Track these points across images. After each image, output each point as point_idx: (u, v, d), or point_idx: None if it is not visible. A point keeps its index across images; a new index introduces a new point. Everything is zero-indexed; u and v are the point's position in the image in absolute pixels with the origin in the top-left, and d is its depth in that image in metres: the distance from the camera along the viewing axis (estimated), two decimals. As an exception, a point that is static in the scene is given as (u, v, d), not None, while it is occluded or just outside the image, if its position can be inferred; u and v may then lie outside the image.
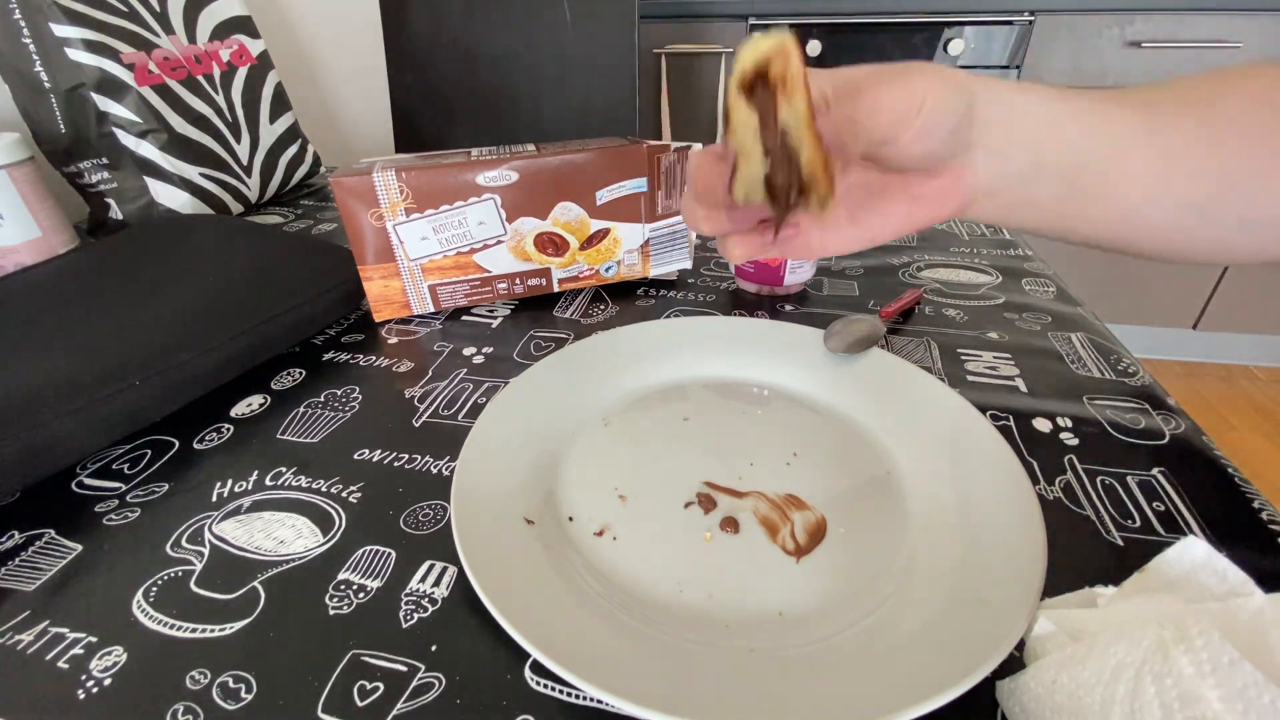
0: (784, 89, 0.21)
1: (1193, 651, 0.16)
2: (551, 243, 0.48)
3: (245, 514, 0.31)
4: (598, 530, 0.30)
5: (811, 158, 0.21)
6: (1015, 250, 0.58)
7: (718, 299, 0.51)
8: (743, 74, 0.21)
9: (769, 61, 0.20)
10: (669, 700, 0.21)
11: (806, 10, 1.49)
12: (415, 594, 0.27)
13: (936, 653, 0.23)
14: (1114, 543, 0.28)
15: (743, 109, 0.21)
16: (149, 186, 0.64)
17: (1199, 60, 1.43)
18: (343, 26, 1.04)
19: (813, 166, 0.21)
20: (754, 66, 0.21)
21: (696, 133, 1.66)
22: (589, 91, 1.03)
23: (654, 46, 1.56)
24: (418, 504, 0.32)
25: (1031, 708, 0.20)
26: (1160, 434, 0.35)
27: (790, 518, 0.30)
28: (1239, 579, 0.18)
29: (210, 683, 0.24)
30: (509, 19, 0.99)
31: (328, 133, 1.10)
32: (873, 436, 0.35)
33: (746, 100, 0.21)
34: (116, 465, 0.35)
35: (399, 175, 0.43)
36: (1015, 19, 1.45)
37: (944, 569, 0.27)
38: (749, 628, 0.25)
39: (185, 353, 0.37)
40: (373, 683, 0.23)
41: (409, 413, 0.39)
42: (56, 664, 0.24)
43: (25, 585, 0.28)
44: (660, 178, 0.48)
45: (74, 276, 0.46)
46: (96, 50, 0.58)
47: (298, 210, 0.75)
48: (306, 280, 0.46)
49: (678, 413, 0.38)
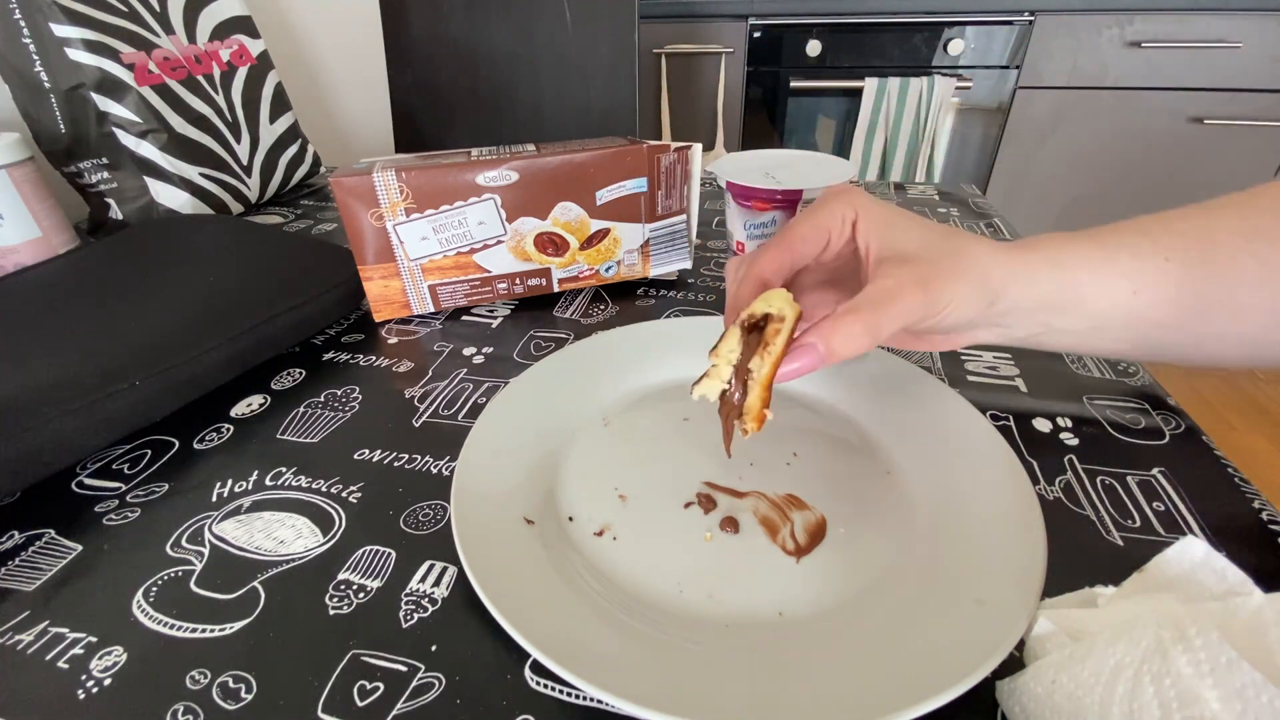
0: (765, 349, 0.26)
1: (1191, 651, 0.16)
2: (551, 243, 0.48)
3: (245, 514, 0.31)
4: (598, 530, 0.30)
5: (753, 403, 0.26)
6: (1015, 250, 0.58)
7: (718, 299, 0.51)
8: (751, 315, 0.26)
9: (769, 320, 0.26)
10: (669, 700, 0.21)
11: (806, 10, 1.49)
12: (415, 594, 0.27)
13: (937, 653, 0.23)
14: (1114, 543, 0.28)
15: (735, 339, 0.27)
16: (149, 186, 0.65)
17: (1199, 60, 1.43)
18: (343, 26, 1.04)
19: (752, 408, 0.26)
20: (762, 315, 0.26)
21: (696, 133, 1.66)
22: (589, 91, 1.03)
23: (654, 46, 1.56)
24: (418, 504, 0.32)
25: (1031, 708, 0.20)
26: (1160, 434, 0.35)
27: (790, 518, 0.30)
28: (1238, 578, 0.18)
29: (210, 683, 0.24)
30: (509, 19, 0.99)
31: (328, 133, 1.10)
32: (872, 436, 0.35)
33: (744, 334, 0.26)
34: (116, 465, 0.35)
35: (399, 175, 0.43)
36: (1015, 19, 1.45)
37: (944, 569, 0.27)
38: (749, 628, 0.25)
39: (185, 353, 0.37)
40: (373, 683, 0.23)
41: (409, 413, 0.39)
42: (56, 664, 0.24)
43: (25, 585, 0.28)
44: (660, 178, 0.48)
45: (74, 276, 0.46)
46: (96, 50, 0.58)
47: (298, 210, 0.76)
48: (306, 280, 0.46)
49: (678, 413, 0.38)
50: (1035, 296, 0.29)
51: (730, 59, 1.57)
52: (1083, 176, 1.60)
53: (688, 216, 0.51)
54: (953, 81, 1.46)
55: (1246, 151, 1.49)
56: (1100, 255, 0.29)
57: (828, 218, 0.30)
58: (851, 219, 0.30)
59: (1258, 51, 1.39)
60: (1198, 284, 0.28)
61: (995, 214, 0.66)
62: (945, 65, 1.51)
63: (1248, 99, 1.44)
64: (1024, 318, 0.30)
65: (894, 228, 0.29)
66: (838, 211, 0.30)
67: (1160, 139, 1.52)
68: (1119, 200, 1.61)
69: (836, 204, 0.30)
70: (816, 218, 0.30)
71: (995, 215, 0.66)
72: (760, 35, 1.54)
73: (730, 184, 0.47)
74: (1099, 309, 0.29)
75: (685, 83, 1.62)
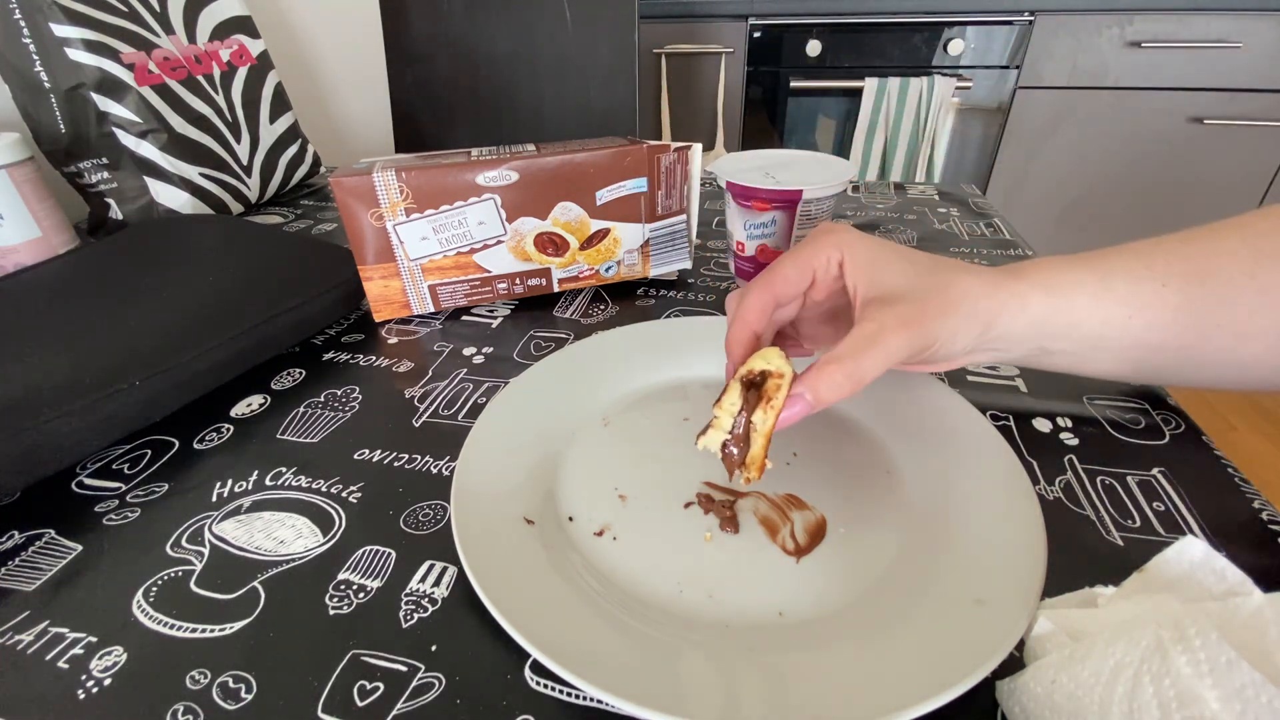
0: (766, 403, 0.27)
1: (1190, 651, 0.16)
2: (551, 243, 0.48)
3: (245, 514, 0.31)
4: (598, 530, 0.30)
5: (755, 454, 0.27)
6: (1015, 250, 0.58)
7: (718, 299, 0.51)
8: (750, 371, 0.28)
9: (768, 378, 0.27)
10: (669, 700, 0.21)
11: (806, 10, 1.49)
12: (415, 594, 0.27)
13: (936, 653, 0.23)
14: (1114, 543, 0.28)
15: (737, 393, 0.28)
16: (149, 186, 0.65)
17: (1199, 60, 1.43)
18: (343, 26, 1.04)
19: (756, 458, 0.27)
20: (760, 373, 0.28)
21: (696, 133, 1.66)
22: (589, 91, 1.03)
23: (654, 46, 1.56)
24: (418, 504, 0.32)
25: (1031, 708, 0.20)
26: (1160, 434, 0.35)
27: (790, 518, 0.30)
28: (1237, 578, 0.18)
29: (210, 683, 0.24)
30: (509, 19, 0.99)
31: (328, 133, 1.10)
32: (872, 436, 0.35)
33: (744, 389, 0.28)
34: (116, 465, 0.35)
35: (399, 175, 0.43)
36: (1015, 19, 1.45)
37: (944, 569, 0.27)
38: (749, 628, 0.25)
39: (185, 353, 0.37)
40: (373, 683, 0.23)
41: (409, 413, 0.39)
42: (56, 664, 0.24)
43: (25, 585, 0.28)
44: (660, 178, 0.48)
45: (74, 276, 0.46)
46: (96, 50, 0.58)
47: (298, 210, 0.76)
48: (306, 280, 0.46)
49: (678, 413, 0.38)
50: (1027, 323, 0.29)
51: (730, 59, 1.57)
52: (1083, 176, 1.60)
53: (688, 216, 0.51)
54: (953, 81, 1.46)
55: (1246, 151, 1.49)
56: (1095, 280, 0.29)
57: (811, 258, 0.30)
58: (838, 259, 0.30)
59: (1258, 51, 1.39)
60: (1196, 308, 0.28)
61: (995, 214, 0.66)
62: (945, 65, 1.51)
63: (1248, 99, 1.44)
64: (1017, 343, 0.30)
65: (879, 267, 0.29)
66: (822, 253, 0.30)
67: (1160, 139, 1.52)
68: (1119, 200, 1.61)
69: (822, 244, 0.30)
70: (800, 258, 0.31)
71: (995, 215, 0.66)
72: (760, 35, 1.54)
73: (730, 184, 0.47)
74: (1096, 332, 0.29)
75: (685, 83, 1.62)
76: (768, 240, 0.48)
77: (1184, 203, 1.58)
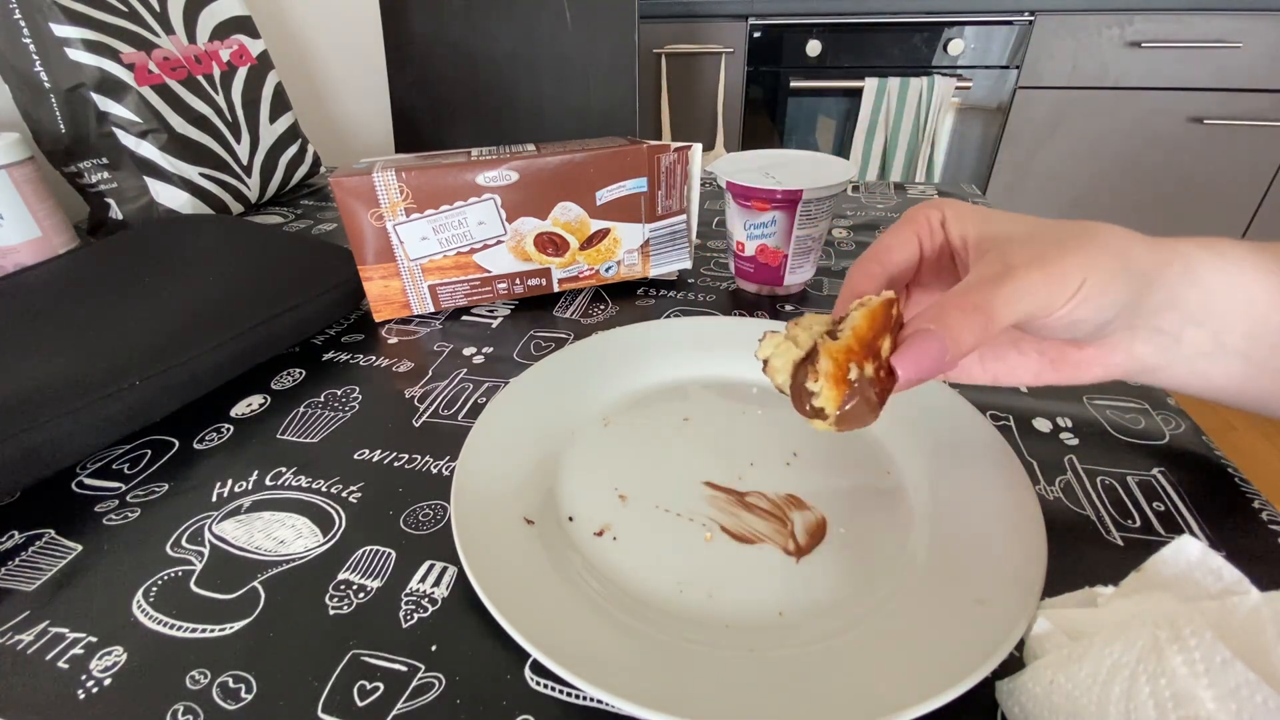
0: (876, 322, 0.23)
1: (1186, 651, 0.16)
2: (551, 243, 0.48)
3: (245, 514, 0.31)
4: (598, 530, 0.30)
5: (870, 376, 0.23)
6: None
7: (718, 299, 0.51)
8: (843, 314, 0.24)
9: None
10: (669, 700, 0.21)
11: (806, 10, 1.49)
12: (415, 594, 0.27)
13: (937, 653, 0.23)
14: (1114, 543, 0.28)
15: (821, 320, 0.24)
16: (149, 186, 0.65)
17: (1199, 60, 1.43)
18: (343, 26, 1.04)
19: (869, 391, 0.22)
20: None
21: (696, 133, 1.66)
22: (589, 91, 1.03)
23: (654, 46, 1.56)
24: (418, 504, 0.32)
25: (1030, 708, 0.20)
26: (1160, 434, 0.35)
27: (790, 518, 0.30)
28: (1234, 577, 0.18)
29: (210, 683, 0.24)
30: (509, 19, 0.99)
31: (328, 133, 1.10)
32: (872, 436, 0.35)
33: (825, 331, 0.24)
34: (116, 465, 0.35)
35: (399, 175, 0.43)
36: (1015, 19, 1.45)
37: (944, 569, 0.27)
38: (749, 628, 0.25)
39: (185, 353, 0.37)
40: (373, 683, 0.23)
41: (409, 413, 0.39)
42: (56, 664, 0.24)
43: (25, 585, 0.28)
44: (660, 178, 0.48)
45: (74, 276, 0.46)
46: (96, 50, 0.58)
47: (298, 210, 0.76)
48: (306, 280, 0.46)
49: (678, 413, 0.38)
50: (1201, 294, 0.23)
51: (730, 59, 1.57)
52: (1083, 176, 1.60)
53: (688, 216, 0.51)
54: (953, 81, 1.46)
55: (1246, 151, 1.49)
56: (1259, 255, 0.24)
57: (910, 222, 0.28)
58: (939, 218, 0.27)
59: (1258, 51, 1.39)
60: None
61: (995, 214, 0.66)
62: (945, 65, 1.51)
63: (1248, 99, 1.44)
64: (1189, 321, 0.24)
65: (989, 218, 0.26)
66: (921, 214, 0.28)
67: (1160, 139, 1.52)
68: (1119, 200, 1.61)
69: (920, 209, 0.28)
70: (899, 226, 0.28)
71: (995, 215, 0.66)
72: (760, 35, 1.54)
73: (730, 184, 0.47)
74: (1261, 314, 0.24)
75: (685, 83, 1.62)
76: (768, 240, 0.48)
77: (1184, 203, 1.58)
